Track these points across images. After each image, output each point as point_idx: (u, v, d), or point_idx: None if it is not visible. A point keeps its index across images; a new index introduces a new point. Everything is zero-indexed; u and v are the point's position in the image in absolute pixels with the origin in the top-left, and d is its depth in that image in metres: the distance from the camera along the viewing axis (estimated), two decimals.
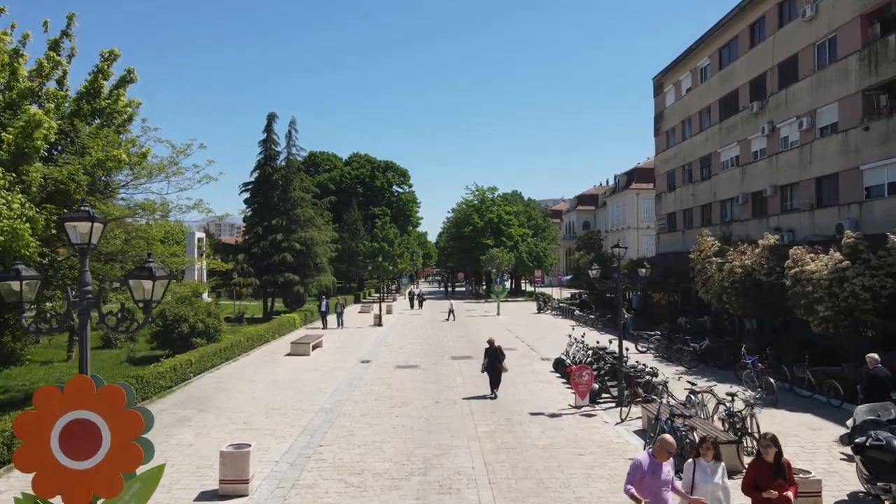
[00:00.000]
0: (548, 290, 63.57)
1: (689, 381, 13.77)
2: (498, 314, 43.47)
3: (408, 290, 68.86)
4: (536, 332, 32.68)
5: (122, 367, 20.72)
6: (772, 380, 15.22)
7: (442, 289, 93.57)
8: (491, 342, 17.20)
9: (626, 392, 15.40)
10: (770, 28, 29.99)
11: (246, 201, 42.03)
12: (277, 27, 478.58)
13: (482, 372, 17.16)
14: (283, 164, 41.08)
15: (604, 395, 16.25)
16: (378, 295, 51.80)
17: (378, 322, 37.18)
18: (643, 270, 16.05)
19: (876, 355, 12.57)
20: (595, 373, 16.91)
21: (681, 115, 40.64)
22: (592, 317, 34.18)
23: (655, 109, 45.01)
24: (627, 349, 19.25)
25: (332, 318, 36.29)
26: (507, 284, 67.66)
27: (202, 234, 57.25)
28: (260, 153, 40.48)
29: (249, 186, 41.13)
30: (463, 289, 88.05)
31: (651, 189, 68.12)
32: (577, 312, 37.63)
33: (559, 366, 20.26)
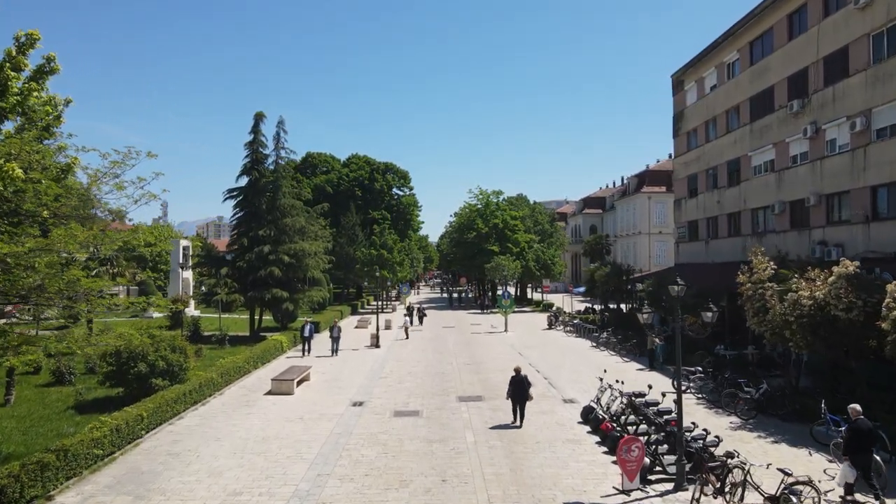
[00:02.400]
0: (556, 298, 60.15)
1: (779, 469, 10.33)
2: (506, 330, 40.01)
3: (407, 301, 65.00)
4: (552, 357, 29.18)
5: (64, 417, 17.29)
6: (879, 459, 11.70)
7: (444, 294, 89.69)
8: (518, 370, 17.36)
9: (686, 466, 12.06)
10: (813, 18, 26.73)
11: (237, 205, 38.16)
12: (277, 27, 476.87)
13: (507, 399, 17.33)
14: (272, 167, 37.45)
15: (655, 469, 12.82)
16: (377, 304, 48.33)
17: (375, 343, 33.75)
18: (710, 315, 12.65)
19: (858, 406, 11.69)
20: (637, 433, 13.62)
21: (704, 114, 37.36)
22: (614, 339, 30.59)
23: (674, 109, 41.61)
24: (667, 394, 15.86)
25: (324, 339, 32.81)
26: (512, 291, 64.13)
27: (188, 242, 53.94)
28: (246, 156, 36.77)
29: (234, 193, 37.38)
30: (464, 293, 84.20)
31: (664, 193, 64.59)
32: (594, 333, 34.16)
33: (588, 416, 16.83)
